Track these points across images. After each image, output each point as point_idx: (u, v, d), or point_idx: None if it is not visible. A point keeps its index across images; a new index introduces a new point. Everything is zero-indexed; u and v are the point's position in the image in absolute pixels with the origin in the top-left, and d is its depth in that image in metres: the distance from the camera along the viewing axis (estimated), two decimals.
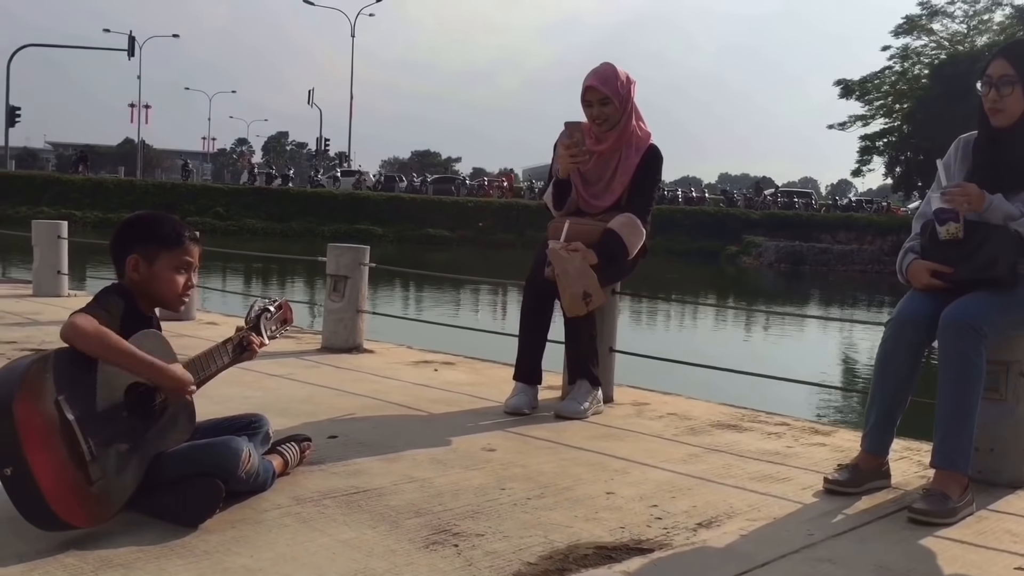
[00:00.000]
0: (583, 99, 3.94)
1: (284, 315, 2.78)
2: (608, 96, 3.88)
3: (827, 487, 2.93)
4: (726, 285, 31.45)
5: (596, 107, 3.92)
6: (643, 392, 4.52)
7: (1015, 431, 3.06)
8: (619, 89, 3.90)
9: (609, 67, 3.95)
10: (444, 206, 44.57)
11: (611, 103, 3.90)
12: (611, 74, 3.91)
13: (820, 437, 3.75)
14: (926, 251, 2.98)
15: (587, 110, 3.95)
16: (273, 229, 40.19)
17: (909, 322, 2.93)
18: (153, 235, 2.46)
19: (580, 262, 3.78)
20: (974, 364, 2.77)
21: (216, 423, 2.64)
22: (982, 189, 2.98)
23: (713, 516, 2.64)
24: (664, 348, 12.62)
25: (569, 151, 3.87)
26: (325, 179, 52.50)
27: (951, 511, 2.67)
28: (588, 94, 3.92)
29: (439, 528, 2.41)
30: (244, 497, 2.50)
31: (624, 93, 3.92)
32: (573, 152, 3.86)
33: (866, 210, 53.08)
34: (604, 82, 3.89)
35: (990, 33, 51.11)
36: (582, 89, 3.94)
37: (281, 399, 3.90)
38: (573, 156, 3.87)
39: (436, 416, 3.79)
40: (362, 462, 2.99)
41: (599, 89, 3.88)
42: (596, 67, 3.97)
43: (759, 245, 41.75)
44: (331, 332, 5.43)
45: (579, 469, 3.07)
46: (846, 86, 51.97)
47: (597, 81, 3.89)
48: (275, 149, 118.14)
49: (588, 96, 3.92)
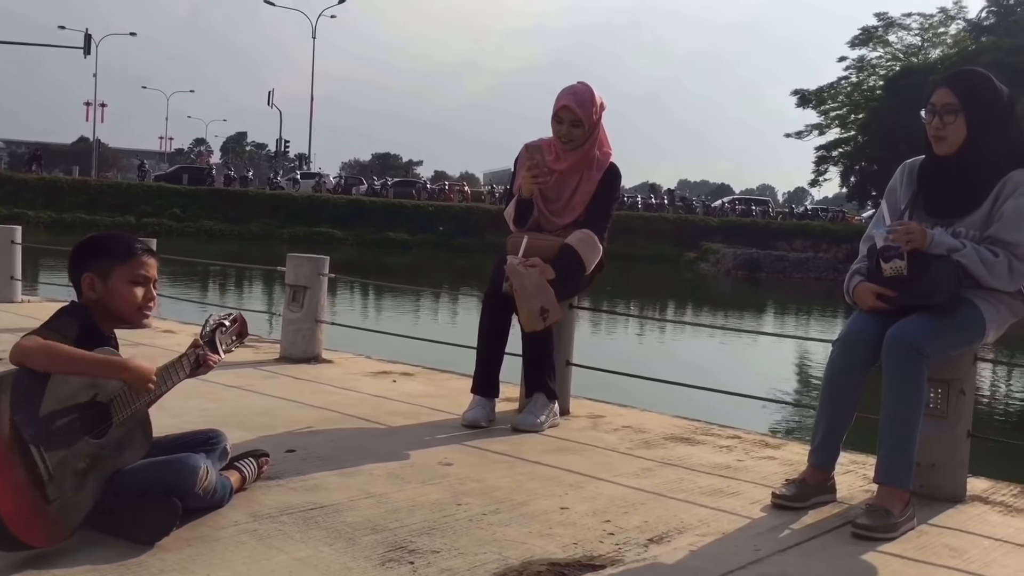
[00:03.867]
0: (555, 115, 3.99)
1: (240, 328, 2.78)
2: (580, 119, 3.94)
3: (775, 502, 3.01)
4: (684, 292, 31.74)
5: (566, 126, 3.97)
6: (599, 404, 4.58)
7: (955, 447, 3.17)
8: (592, 115, 3.96)
9: (586, 90, 3.99)
10: (405, 210, 44.52)
11: (581, 126, 3.96)
12: (588, 99, 3.96)
13: (770, 450, 3.83)
14: (872, 274, 3.07)
15: (556, 125, 4.00)
16: (231, 231, 39.85)
17: (855, 342, 3.02)
18: (104, 251, 2.47)
19: (538, 277, 3.83)
20: (916, 383, 2.87)
21: (173, 439, 2.65)
22: (928, 214, 3.09)
23: (664, 531, 2.70)
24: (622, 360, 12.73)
25: (531, 172, 3.92)
26: (284, 181, 52.13)
27: (893, 526, 2.76)
28: (562, 112, 3.97)
29: (395, 545, 2.44)
30: (201, 514, 2.51)
31: (595, 119, 3.99)
32: (535, 173, 3.92)
33: (822, 218, 53.88)
34: (580, 105, 3.94)
35: (943, 46, 52.22)
36: (557, 104, 3.98)
37: (239, 412, 3.90)
38: (535, 177, 3.93)
39: (394, 429, 3.82)
40: (319, 477, 3.02)
41: (574, 111, 3.93)
42: (574, 86, 4.02)
43: (717, 252, 42.23)
44: (289, 342, 5.43)
45: (534, 484, 3.12)
46: (803, 96, 52.74)
47: (574, 103, 3.94)
48: (234, 150, 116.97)
49: (561, 114, 3.97)
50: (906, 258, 2.95)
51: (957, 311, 2.93)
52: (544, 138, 4.12)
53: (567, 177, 4.05)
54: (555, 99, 3.99)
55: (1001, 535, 2.85)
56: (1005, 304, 3.03)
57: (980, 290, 2.98)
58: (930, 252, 2.94)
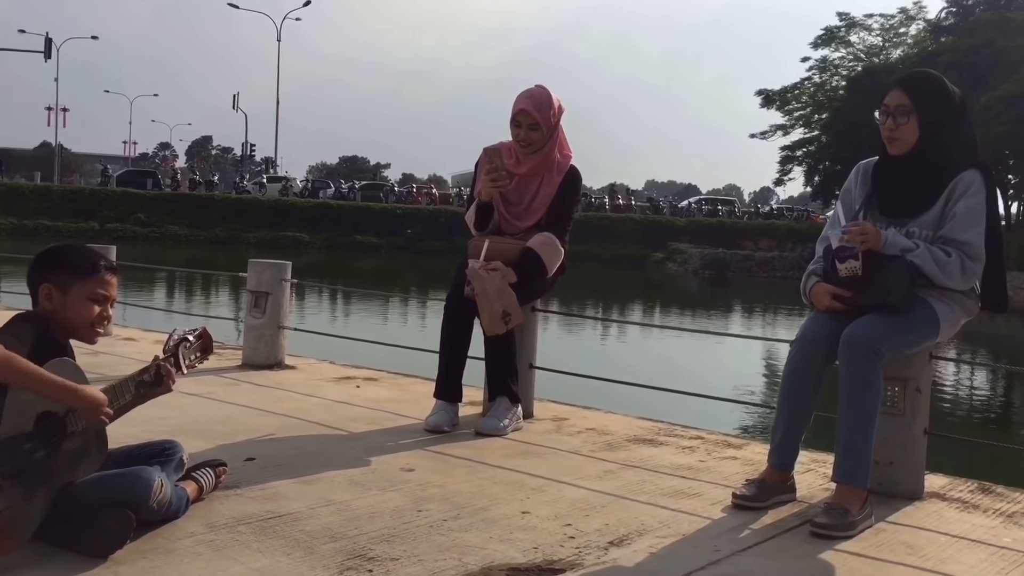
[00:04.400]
0: (513, 119, 4.00)
1: (204, 344, 2.76)
2: (538, 123, 3.94)
3: (735, 502, 3.02)
4: (651, 293, 31.88)
5: (524, 130, 3.97)
6: (563, 407, 4.59)
7: (912, 445, 3.21)
8: (550, 118, 3.97)
9: (544, 93, 4.00)
10: (372, 213, 44.38)
11: (539, 129, 3.96)
12: (545, 101, 3.96)
13: (732, 451, 3.86)
14: (828, 275, 3.10)
15: (515, 130, 4.01)
16: (197, 236, 39.49)
17: (812, 342, 3.04)
18: (67, 264, 2.44)
19: (499, 281, 3.83)
20: (872, 382, 2.90)
21: (128, 451, 2.61)
22: (883, 214, 3.13)
23: (625, 534, 2.71)
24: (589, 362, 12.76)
25: (490, 176, 3.92)
26: (251, 185, 51.72)
27: (850, 524, 2.78)
28: (520, 116, 3.97)
29: (354, 553, 2.43)
30: (157, 525, 2.48)
31: (554, 122, 3.99)
32: (494, 177, 3.92)
33: (787, 218, 54.44)
34: (537, 108, 3.94)
35: (904, 46, 52.96)
36: (514, 108, 3.98)
37: (199, 420, 3.86)
38: (494, 181, 3.93)
39: (356, 435, 3.80)
40: (279, 485, 2.99)
41: (531, 114, 3.94)
42: (531, 89, 4.03)
43: (684, 252, 42.52)
44: (252, 349, 5.39)
45: (496, 488, 3.12)
46: (767, 96, 53.24)
47: (531, 106, 3.95)
48: (199, 154, 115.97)
49: (519, 118, 3.97)
50: (861, 258, 2.98)
51: (911, 310, 2.97)
52: (504, 141, 4.12)
53: (527, 180, 4.06)
54: (513, 103, 3.99)
55: (958, 532, 2.88)
56: (958, 303, 3.07)
57: (934, 289, 3.02)
58: (884, 252, 2.97)
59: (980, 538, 2.83)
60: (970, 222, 3.00)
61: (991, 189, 3.08)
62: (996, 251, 3.05)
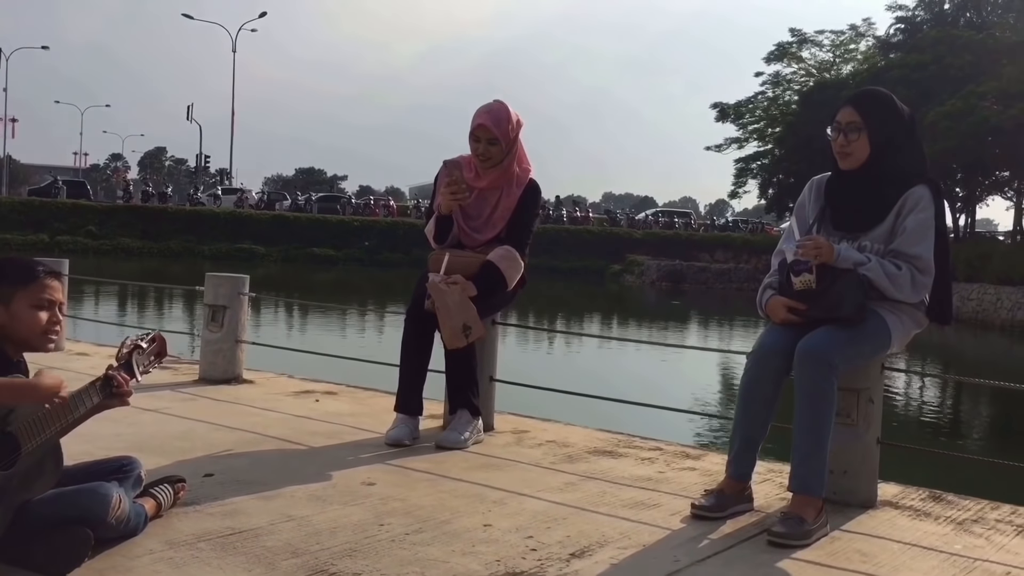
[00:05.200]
0: (472, 133, 4.02)
1: (158, 348, 2.71)
2: (497, 137, 3.97)
3: (694, 512, 3.06)
4: (609, 305, 32.06)
5: (483, 144, 4.00)
6: (524, 419, 4.60)
7: (865, 454, 3.27)
8: (508, 132, 4.00)
9: (502, 108, 4.03)
10: (329, 225, 44.14)
11: (498, 144, 3.99)
12: (503, 116, 3.99)
13: (691, 461, 3.90)
14: (783, 288, 3.16)
15: (474, 144, 4.03)
16: (151, 248, 38.99)
17: (768, 354, 3.10)
18: (3, 276, 2.40)
19: (459, 295, 3.85)
20: (826, 393, 2.96)
21: (85, 467, 2.58)
22: (836, 228, 3.20)
23: (586, 546, 2.73)
24: (547, 373, 12.80)
25: (449, 189, 3.94)
26: (205, 197, 51.17)
27: (806, 533, 2.83)
28: (478, 131, 3.99)
29: (316, 569, 2.42)
30: (115, 543, 2.45)
31: (512, 136, 4.02)
32: (454, 190, 3.94)
33: (742, 230, 55.13)
34: (496, 123, 3.97)
35: (854, 62, 53.99)
36: (473, 123, 4.01)
37: (156, 436, 3.82)
38: (454, 194, 3.95)
39: (316, 449, 3.78)
40: (238, 501, 2.97)
41: (490, 129, 3.96)
42: (489, 104, 4.05)
43: (641, 264, 42.87)
44: (209, 363, 5.33)
45: (458, 501, 3.12)
46: (722, 109, 53.97)
47: (489, 121, 3.97)
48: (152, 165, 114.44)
49: (478, 132, 4.00)
50: (815, 272, 3.04)
51: (864, 323, 3.03)
52: (464, 155, 4.14)
53: (487, 194, 4.08)
54: (472, 118, 4.02)
55: (910, 539, 2.95)
56: (908, 315, 3.14)
57: (885, 302, 3.09)
58: (837, 266, 3.04)
59: (932, 545, 2.90)
60: (920, 236, 3.08)
61: (940, 204, 3.16)
62: (943, 264, 3.13)
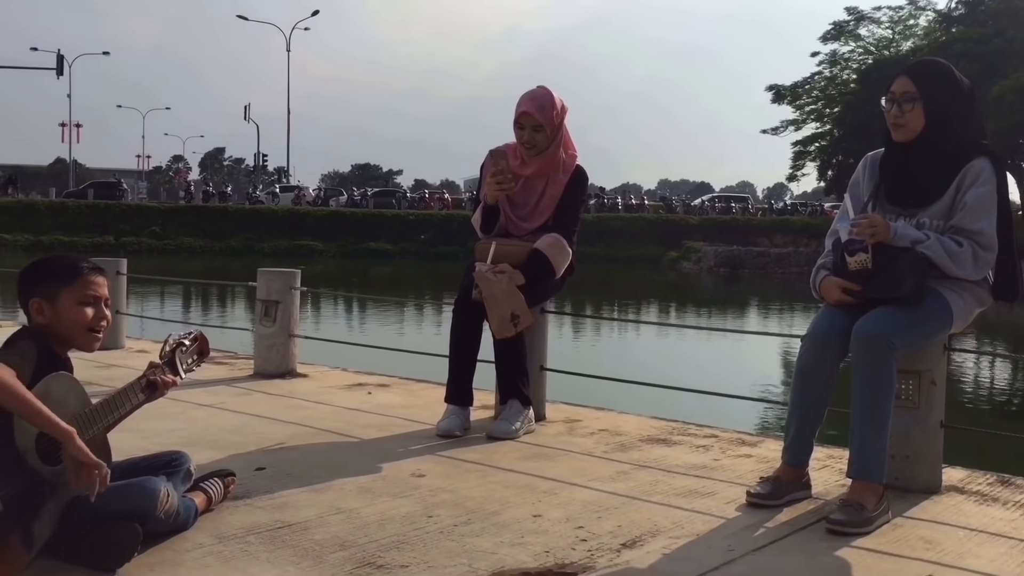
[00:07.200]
0: (516, 121, 3.98)
1: (200, 347, 2.74)
2: (542, 124, 3.92)
3: (750, 500, 2.98)
4: (666, 292, 31.76)
5: (528, 132, 3.95)
6: (576, 408, 4.56)
7: (928, 438, 3.16)
8: (553, 119, 3.95)
9: (546, 94, 3.98)
10: (385, 220, 44.46)
11: (543, 131, 3.94)
12: (547, 102, 3.94)
13: (747, 448, 3.82)
14: (838, 268, 3.06)
15: (518, 132, 3.99)
16: (212, 247, 39.69)
17: (823, 336, 3.00)
18: (49, 275, 2.43)
19: (507, 284, 3.81)
20: (885, 376, 2.86)
21: (134, 462, 2.60)
22: (892, 204, 3.09)
23: (638, 535, 2.67)
24: (600, 362, 12.71)
25: (495, 178, 3.90)
26: (264, 195, 51.92)
27: (867, 520, 2.74)
28: (523, 118, 3.95)
29: (363, 561, 2.40)
30: (165, 538, 2.47)
31: (557, 122, 3.97)
32: (499, 179, 3.90)
33: (801, 213, 54.18)
34: (540, 110, 3.92)
35: (915, 38, 52.67)
36: (517, 111, 3.97)
37: (209, 430, 3.85)
38: (499, 183, 3.90)
39: (367, 442, 3.78)
40: (289, 494, 2.97)
41: (534, 116, 3.92)
42: (533, 90, 4.00)
43: (699, 251, 42.41)
44: (263, 358, 5.38)
45: (507, 492, 3.09)
46: (778, 91, 53.00)
47: (533, 108, 3.92)
48: (212, 165, 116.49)
49: (522, 120, 3.95)
50: (871, 251, 2.94)
51: (923, 302, 2.92)
52: (509, 143, 4.10)
53: (533, 181, 4.03)
54: (516, 105, 3.97)
55: (976, 525, 2.84)
56: (971, 293, 3.02)
57: (946, 280, 2.97)
58: (894, 244, 2.93)
59: (1000, 531, 2.78)
60: (981, 211, 2.95)
61: (1002, 177, 3.04)
62: (1008, 239, 3.01)
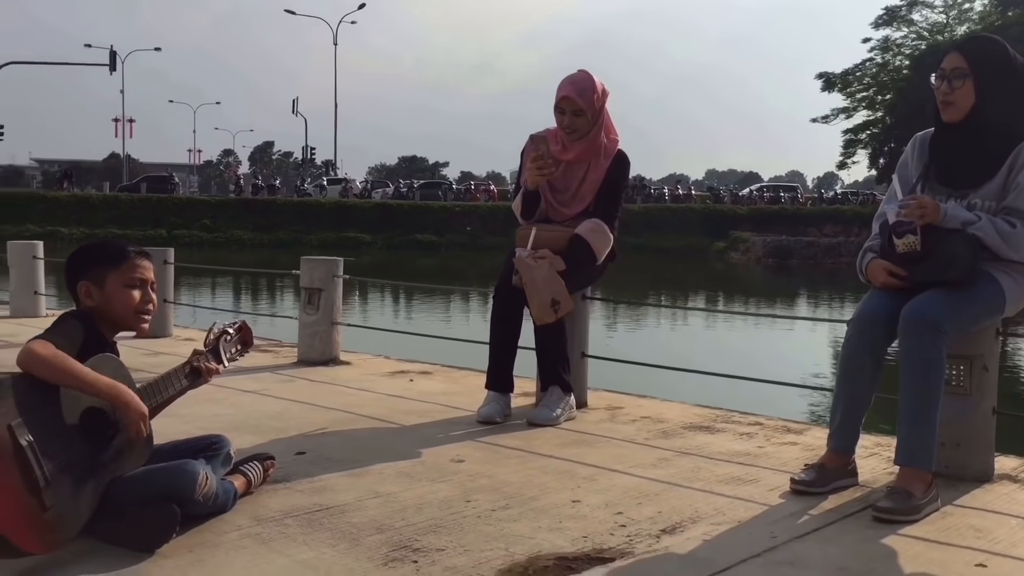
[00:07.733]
0: (557, 105, 3.94)
1: (244, 337, 2.77)
2: (582, 108, 3.88)
3: (794, 488, 2.93)
4: (714, 281, 31.45)
5: (569, 116, 3.91)
6: (617, 396, 4.52)
7: (980, 425, 3.07)
8: (594, 102, 3.90)
9: (586, 77, 3.93)
10: (431, 211, 44.59)
11: (584, 115, 3.89)
12: (588, 86, 3.90)
13: (792, 436, 3.75)
14: (885, 251, 2.98)
15: (559, 116, 3.95)
16: (261, 240, 40.13)
17: (870, 321, 2.93)
18: (96, 258, 2.47)
19: (547, 270, 3.78)
20: (934, 361, 2.78)
21: (175, 445, 2.62)
22: (942, 185, 3.00)
23: (677, 522, 2.63)
24: (643, 349, 12.61)
25: (536, 163, 3.86)
26: (312, 188, 52.40)
27: (915, 508, 2.67)
28: (563, 103, 3.91)
29: (400, 544, 2.40)
30: (204, 520, 2.48)
31: (598, 106, 3.92)
32: (540, 164, 3.86)
33: (852, 202, 53.27)
34: (580, 94, 3.88)
35: (970, 22, 51.33)
36: (558, 95, 3.93)
37: (252, 415, 3.88)
38: (540, 168, 3.87)
39: (407, 428, 3.78)
40: (328, 478, 2.98)
41: (575, 100, 3.88)
42: (573, 75, 3.96)
43: (746, 241, 41.89)
44: (307, 345, 5.41)
45: (546, 478, 3.06)
46: (828, 79, 52.09)
47: (574, 92, 3.88)
48: (261, 159, 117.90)
49: (563, 104, 3.91)
50: (919, 233, 2.85)
51: (974, 285, 2.83)
52: (550, 128, 4.06)
53: (574, 166, 3.99)
54: (556, 89, 3.93)
55: None
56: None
57: (999, 262, 2.88)
58: (944, 226, 2.84)
59: None
60: None
61: None
62: None
